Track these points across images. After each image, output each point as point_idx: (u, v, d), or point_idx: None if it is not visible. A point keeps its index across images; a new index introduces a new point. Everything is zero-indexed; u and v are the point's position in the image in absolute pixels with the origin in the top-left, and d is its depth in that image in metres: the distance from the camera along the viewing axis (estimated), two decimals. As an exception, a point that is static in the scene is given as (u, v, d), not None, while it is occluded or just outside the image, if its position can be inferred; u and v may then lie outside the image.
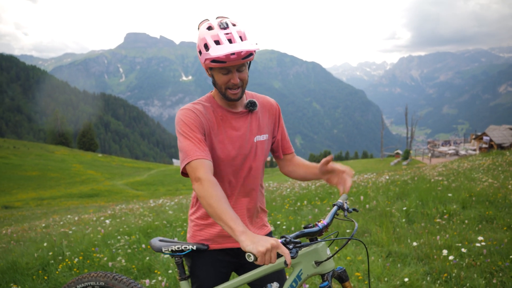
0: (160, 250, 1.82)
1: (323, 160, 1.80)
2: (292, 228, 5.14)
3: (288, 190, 8.82)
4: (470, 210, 5.51)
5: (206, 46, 1.61)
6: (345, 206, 1.75)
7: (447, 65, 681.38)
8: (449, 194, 6.07)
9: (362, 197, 6.06)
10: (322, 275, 1.58)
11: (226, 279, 1.88)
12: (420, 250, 4.06)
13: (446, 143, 61.45)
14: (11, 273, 4.09)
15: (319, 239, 1.60)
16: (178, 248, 1.80)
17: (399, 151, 56.14)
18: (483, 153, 22.85)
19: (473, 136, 51.98)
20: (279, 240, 1.42)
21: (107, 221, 6.95)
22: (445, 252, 3.71)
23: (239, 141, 1.81)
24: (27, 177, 43.76)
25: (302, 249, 1.57)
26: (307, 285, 3.20)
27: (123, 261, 4.08)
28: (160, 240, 1.87)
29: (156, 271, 3.94)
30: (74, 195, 34.44)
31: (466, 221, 4.92)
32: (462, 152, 42.44)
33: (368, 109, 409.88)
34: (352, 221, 1.65)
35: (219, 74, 1.67)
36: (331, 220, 1.65)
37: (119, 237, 5.07)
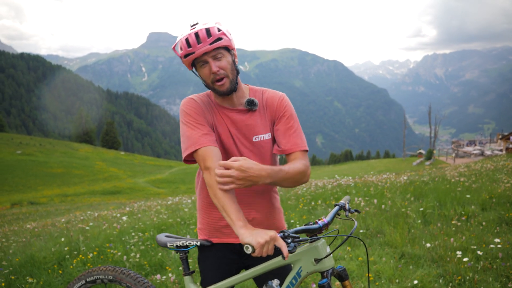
0: (165, 245, 1.86)
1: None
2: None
3: (304, 189, 8.78)
4: (490, 212, 5.36)
5: (177, 46, 1.67)
6: (347, 206, 1.75)
7: (473, 63, 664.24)
8: (468, 196, 5.91)
9: (375, 200, 5.97)
10: (322, 273, 1.58)
11: (230, 276, 1.88)
12: (434, 252, 3.97)
13: (471, 143, 59.93)
14: (29, 267, 4.21)
15: (319, 236, 1.60)
16: (182, 243, 1.84)
17: (422, 151, 55.11)
18: (509, 154, 22.16)
19: (500, 136, 50.51)
20: (278, 234, 1.46)
21: (124, 218, 7.07)
22: (459, 253, 3.62)
23: (236, 138, 1.79)
24: (52, 174, 44.93)
25: (302, 246, 1.59)
26: (314, 285, 3.18)
27: (137, 256, 4.15)
28: (166, 236, 1.92)
29: (167, 267, 3.99)
30: (97, 192, 35.15)
31: (484, 223, 4.78)
32: (488, 153, 41.28)
33: (391, 108, 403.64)
34: (353, 220, 1.66)
35: (200, 69, 1.67)
36: (332, 219, 1.66)
37: (133, 234, 5.15)
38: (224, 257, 1.89)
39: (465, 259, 3.52)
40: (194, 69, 1.73)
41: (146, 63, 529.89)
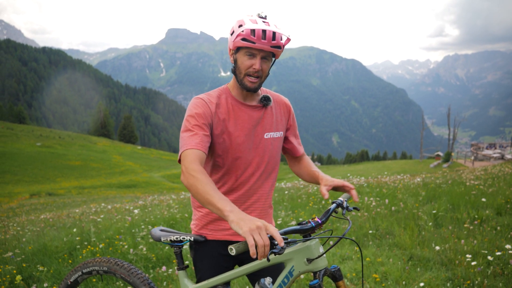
0: (159, 240, 1.85)
1: (323, 188, 1.77)
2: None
3: (315, 188, 8.73)
4: (505, 216, 5.23)
5: (241, 26, 1.65)
6: (345, 204, 1.71)
7: (496, 65, 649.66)
8: (483, 199, 5.78)
9: (387, 201, 5.89)
10: (314, 273, 1.55)
11: (224, 271, 1.87)
12: (444, 255, 3.90)
13: (491, 146, 58.55)
14: (40, 255, 4.30)
15: (312, 236, 1.56)
16: (176, 238, 1.82)
17: (440, 153, 54.15)
18: (530, 158, 21.57)
19: (521, 140, 49.25)
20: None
21: (136, 211, 7.16)
22: (469, 257, 3.55)
23: (249, 134, 1.81)
24: (71, 167, 45.72)
25: (294, 245, 1.55)
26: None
27: (144, 249, 4.20)
28: (161, 230, 1.90)
29: (174, 260, 4.02)
30: (113, 185, 35.62)
31: (498, 228, 4.67)
32: (508, 156, 40.27)
33: (409, 109, 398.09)
34: (347, 219, 1.61)
35: (244, 57, 1.69)
36: (327, 218, 1.62)
37: (143, 227, 5.21)
38: (218, 253, 1.88)
39: (474, 263, 3.45)
40: (233, 52, 1.74)
41: (164, 59, 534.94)
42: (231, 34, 1.70)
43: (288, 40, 1.70)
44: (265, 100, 1.85)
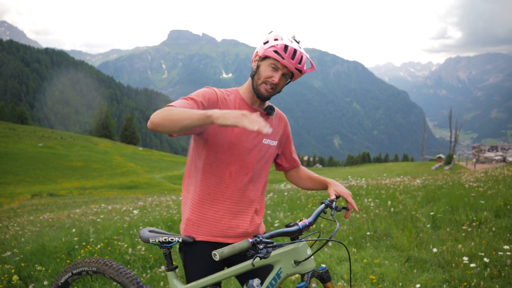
0: (147, 241, 1.84)
1: (332, 192, 1.89)
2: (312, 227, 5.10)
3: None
4: (503, 218, 5.23)
5: (277, 40, 1.76)
6: (333, 204, 1.72)
7: (498, 67, 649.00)
8: (481, 201, 5.78)
9: (383, 202, 5.88)
10: (302, 275, 1.55)
11: (213, 272, 1.86)
12: (441, 256, 3.90)
13: (493, 148, 58.52)
14: (39, 255, 4.32)
15: (300, 239, 1.57)
16: (165, 239, 1.82)
17: (441, 155, 54.11)
18: (531, 160, 21.50)
19: (523, 142, 49.13)
20: (251, 240, 1.41)
21: (135, 212, 7.18)
22: (466, 259, 3.55)
23: (247, 133, 1.84)
24: (72, 167, 45.72)
25: (280, 248, 1.53)
26: (315, 284, 3.17)
27: (143, 249, 4.21)
28: (150, 231, 1.89)
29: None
30: (115, 186, 35.59)
31: (496, 230, 4.67)
32: (510, 159, 40.22)
33: (411, 111, 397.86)
34: (335, 221, 1.61)
35: (268, 67, 1.78)
36: (315, 219, 1.62)
37: (141, 227, 5.23)
38: (207, 254, 1.87)
39: (472, 265, 3.45)
40: (259, 58, 1.82)
41: (166, 60, 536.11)
42: (264, 43, 1.79)
43: (312, 69, 1.84)
44: (270, 109, 1.92)
